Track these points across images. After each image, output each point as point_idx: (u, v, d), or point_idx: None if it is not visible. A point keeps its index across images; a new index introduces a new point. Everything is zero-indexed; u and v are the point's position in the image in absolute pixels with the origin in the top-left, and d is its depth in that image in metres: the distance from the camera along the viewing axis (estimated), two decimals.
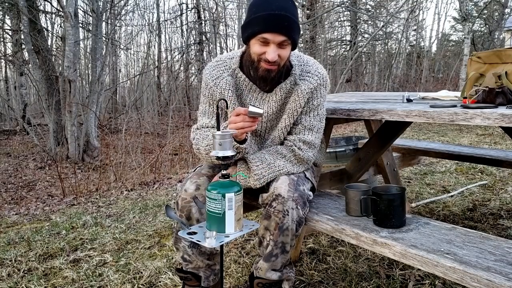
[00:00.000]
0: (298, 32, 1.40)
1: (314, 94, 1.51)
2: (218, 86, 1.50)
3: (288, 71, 1.49)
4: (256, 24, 1.35)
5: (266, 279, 1.46)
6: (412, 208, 2.76)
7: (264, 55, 1.37)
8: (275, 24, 1.33)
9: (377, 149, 2.14)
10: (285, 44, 1.37)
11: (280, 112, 1.53)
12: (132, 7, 14.07)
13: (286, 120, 1.51)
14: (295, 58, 1.53)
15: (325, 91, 1.55)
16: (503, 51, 1.54)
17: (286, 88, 1.49)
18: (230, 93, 1.49)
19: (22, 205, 4.40)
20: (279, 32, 1.33)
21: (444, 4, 32.41)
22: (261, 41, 1.36)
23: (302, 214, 1.41)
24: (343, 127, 8.59)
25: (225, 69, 1.52)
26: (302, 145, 1.51)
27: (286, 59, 1.42)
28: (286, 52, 1.39)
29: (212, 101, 1.55)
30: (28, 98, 12.54)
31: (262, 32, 1.34)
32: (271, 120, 1.54)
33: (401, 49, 15.75)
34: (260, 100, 1.51)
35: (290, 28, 1.35)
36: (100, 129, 8.14)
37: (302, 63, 1.53)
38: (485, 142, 5.50)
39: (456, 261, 1.12)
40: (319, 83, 1.51)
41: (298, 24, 1.38)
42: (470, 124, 1.29)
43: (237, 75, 1.51)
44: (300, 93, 1.47)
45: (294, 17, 1.36)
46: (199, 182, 1.49)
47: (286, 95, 1.50)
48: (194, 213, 1.44)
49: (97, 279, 2.00)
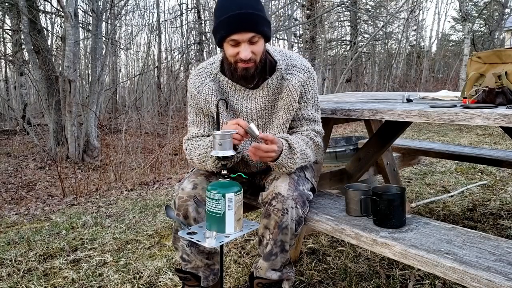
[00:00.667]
0: (265, 24, 1.39)
1: (306, 88, 1.52)
2: (202, 93, 1.52)
3: (273, 67, 1.50)
4: (222, 28, 1.37)
5: (266, 278, 1.46)
6: (412, 208, 2.76)
7: (239, 55, 1.38)
8: (238, 24, 1.33)
9: (377, 149, 2.14)
10: (255, 39, 1.37)
11: (270, 108, 1.53)
12: (132, 7, 14.07)
13: (283, 116, 1.51)
14: (278, 53, 1.53)
15: (315, 83, 1.57)
16: (503, 51, 1.54)
17: (273, 83, 1.49)
18: (213, 98, 1.50)
19: (22, 205, 4.40)
20: (244, 30, 1.34)
21: (444, 4, 32.46)
22: (231, 44, 1.38)
23: (302, 213, 1.42)
24: (343, 127, 8.59)
25: (206, 76, 1.54)
26: (315, 134, 1.55)
27: (261, 54, 1.42)
28: (258, 47, 1.39)
29: (198, 110, 1.57)
30: (28, 98, 12.54)
31: (229, 34, 1.35)
32: (262, 116, 1.54)
33: (401, 49, 15.75)
34: (246, 98, 1.51)
35: (255, 22, 1.35)
36: (100, 129, 8.14)
37: (286, 58, 1.53)
38: (485, 142, 5.50)
39: (456, 261, 1.12)
40: (308, 76, 1.52)
41: (263, 17, 1.38)
42: (470, 124, 1.29)
43: (220, 79, 1.52)
44: (292, 87, 1.48)
45: (257, 11, 1.35)
46: (197, 181, 1.49)
47: (274, 90, 1.50)
48: (191, 212, 1.45)
49: (97, 279, 2.00)
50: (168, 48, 15.54)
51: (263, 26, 1.38)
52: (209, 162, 1.46)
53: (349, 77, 14.80)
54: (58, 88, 7.92)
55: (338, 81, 11.50)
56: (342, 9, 14.59)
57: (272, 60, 1.50)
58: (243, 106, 1.52)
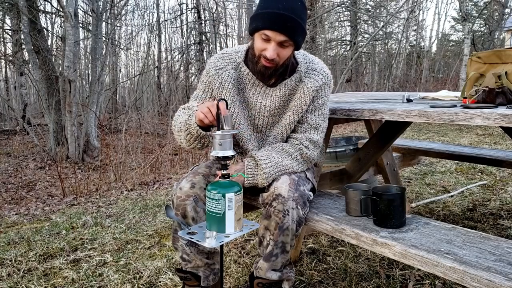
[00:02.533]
0: (301, 34, 1.40)
1: (319, 93, 1.52)
2: (220, 77, 1.51)
3: (293, 68, 1.51)
4: (260, 20, 1.37)
5: (266, 279, 1.46)
6: (412, 208, 2.76)
7: (264, 52, 1.38)
8: (278, 23, 1.34)
9: (377, 149, 2.14)
10: (286, 44, 1.38)
11: (283, 108, 1.54)
12: (132, 7, 14.08)
13: (290, 117, 1.52)
14: (301, 56, 1.54)
15: (329, 91, 1.57)
16: (503, 51, 1.54)
17: (291, 84, 1.50)
18: (230, 86, 1.50)
19: (22, 205, 4.40)
20: (280, 31, 1.35)
21: (444, 4, 32.41)
22: (263, 37, 1.38)
23: (302, 214, 1.42)
24: (343, 127, 8.59)
25: (229, 62, 1.54)
26: (309, 144, 1.52)
27: (285, 59, 1.43)
28: (286, 52, 1.40)
29: (209, 88, 1.56)
30: (28, 98, 12.54)
31: (264, 28, 1.36)
32: (274, 115, 1.55)
33: (401, 49, 15.75)
34: (262, 94, 1.52)
35: (293, 29, 1.35)
36: (100, 129, 8.14)
37: (308, 61, 1.54)
38: (485, 142, 5.50)
39: (456, 261, 1.12)
40: (324, 82, 1.53)
41: (302, 26, 1.38)
42: (470, 124, 1.29)
43: (241, 69, 1.53)
44: (306, 90, 1.49)
45: (300, 19, 1.36)
46: (195, 181, 1.50)
47: (290, 91, 1.51)
48: (189, 212, 1.45)
49: (97, 279, 2.00)
50: (168, 48, 15.54)
51: (299, 36, 1.39)
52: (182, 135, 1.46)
53: (349, 77, 14.80)
54: (58, 88, 7.92)
55: (338, 81, 11.50)
56: (342, 9, 14.59)
57: (294, 62, 1.51)
58: (258, 102, 1.53)
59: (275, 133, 1.56)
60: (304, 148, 1.51)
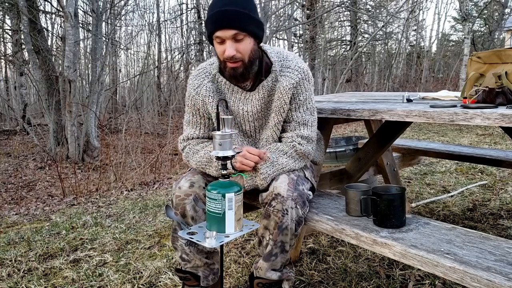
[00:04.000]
0: (253, 24, 1.37)
1: (298, 89, 1.49)
2: (200, 94, 1.52)
3: (268, 68, 1.49)
4: (208, 25, 1.37)
5: (266, 279, 1.46)
6: (412, 208, 2.76)
7: (225, 54, 1.37)
8: (222, 20, 1.33)
9: (377, 149, 2.14)
10: (239, 37, 1.35)
11: (266, 110, 1.53)
12: (132, 7, 14.07)
13: (275, 118, 1.51)
14: (275, 54, 1.51)
15: (309, 85, 1.53)
16: (503, 51, 1.54)
17: (268, 85, 1.48)
18: (210, 99, 1.51)
19: (22, 205, 4.40)
20: (227, 27, 1.33)
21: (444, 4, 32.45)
22: (217, 41, 1.38)
23: (302, 213, 1.42)
24: (343, 127, 8.59)
25: (205, 76, 1.54)
26: (301, 140, 1.51)
27: (248, 53, 1.39)
28: (244, 45, 1.37)
29: (195, 110, 1.57)
30: (28, 98, 12.54)
31: (214, 31, 1.36)
32: (258, 119, 1.54)
33: (401, 49, 15.75)
34: (243, 100, 1.51)
35: (239, 20, 1.33)
36: (100, 129, 8.14)
37: (282, 59, 1.51)
38: (485, 142, 5.50)
39: (456, 261, 1.12)
40: (301, 78, 1.49)
41: (250, 16, 1.35)
42: (470, 124, 1.29)
43: (218, 80, 1.52)
44: (283, 89, 1.46)
45: (244, 9, 1.34)
46: (194, 180, 1.50)
47: (269, 92, 1.49)
48: (188, 211, 1.45)
49: (97, 279, 2.00)
50: (168, 48, 15.55)
51: (249, 25, 1.36)
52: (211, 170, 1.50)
53: (349, 77, 14.80)
54: (58, 88, 7.92)
55: (338, 81, 11.50)
56: (342, 9, 14.58)
57: (268, 62, 1.49)
58: (240, 108, 1.52)
59: (266, 136, 1.56)
60: (298, 145, 1.50)
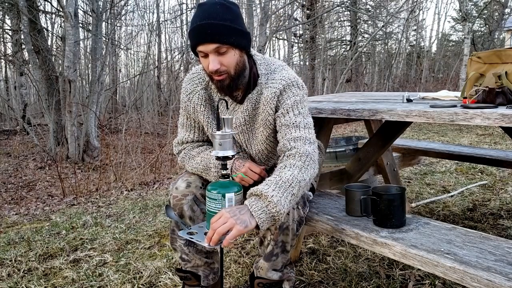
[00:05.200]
0: (234, 35, 1.30)
1: (284, 95, 1.41)
2: (191, 101, 1.51)
3: (255, 81, 1.45)
4: (190, 39, 1.33)
5: (266, 279, 1.47)
6: (412, 208, 2.76)
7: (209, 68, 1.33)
8: (202, 34, 1.28)
9: (377, 149, 2.14)
10: (222, 50, 1.30)
11: (251, 123, 1.49)
12: (132, 7, 14.08)
13: (263, 132, 1.46)
14: (264, 66, 1.46)
15: (297, 90, 1.43)
16: (503, 51, 1.54)
17: (253, 98, 1.44)
18: (202, 108, 1.49)
19: (22, 205, 4.40)
20: (207, 41, 1.28)
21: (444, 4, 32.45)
22: (201, 55, 1.34)
23: (303, 213, 1.42)
24: (343, 127, 8.59)
25: (199, 82, 1.51)
26: (292, 143, 1.35)
27: (234, 65, 1.34)
28: (227, 58, 1.31)
29: (188, 115, 1.56)
30: (28, 98, 12.53)
31: (195, 45, 1.32)
32: (243, 132, 1.50)
33: (401, 49, 15.75)
34: (232, 111, 1.49)
35: (219, 33, 1.28)
36: (100, 129, 8.14)
37: (269, 71, 1.46)
38: (485, 142, 5.51)
39: (456, 261, 1.12)
40: (284, 85, 1.41)
41: (232, 28, 1.29)
42: (470, 124, 1.29)
43: (211, 87, 1.51)
44: (265, 100, 1.42)
45: (223, 21, 1.28)
46: (190, 180, 1.50)
47: (253, 106, 1.45)
48: (186, 211, 1.46)
49: (97, 279, 2.00)
50: (168, 48, 15.55)
51: (231, 36, 1.29)
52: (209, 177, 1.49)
53: (349, 77, 14.80)
54: (58, 88, 7.92)
55: (338, 81, 11.50)
56: (342, 9, 14.59)
57: (256, 73, 1.45)
58: None
59: (258, 150, 1.52)
60: (290, 151, 1.34)
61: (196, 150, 1.55)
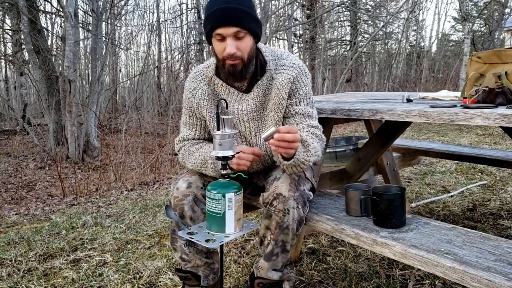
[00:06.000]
0: (252, 21, 1.37)
1: (297, 84, 1.48)
2: (195, 97, 1.53)
3: (263, 68, 1.49)
4: (208, 23, 1.37)
5: (267, 279, 1.47)
6: (412, 208, 2.76)
7: (225, 51, 1.37)
8: (223, 17, 1.33)
9: (377, 149, 2.14)
10: (240, 35, 1.36)
11: (261, 110, 1.51)
12: (132, 7, 14.07)
13: (275, 116, 1.49)
14: (269, 53, 1.51)
15: (307, 80, 1.51)
16: (503, 51, 1.54)
17: (263, 84, 1.48)
18: (205, 102, 1.51)
19: (22, 205, 4.40)
20: (228, 24, 1.33)
21: (444, 4, 32.46)
22: (218, 39, 1.37)
23: (303, 213, 1.42)
24: (343, 127, 8.59)
25: (202, 79, 1.54)
26: (314, 130, 1.47)
27: (248, 51, 1.40)
28: (244, 43, 1.38)
29: (192, 113, 1.58)
30: (28, 98, 12.53)
31: (214, 28, 1.36)
32: (253, 119, 1.52)
33: (401, 49, 15.75)
34: (239, 101, 1.51)
35: (239, 17, 1.34)
36: (100, 129, 8.14)
37: (277, 57, 1.51)
38: (485, 142, 5.50)
39: (456, 261, 1.12)
40: (298, 73, 1.48)
41: (251, 14, 1.37)
42: (470, 124, 1.29)
43: (214, 82, 1.52)
44: (279, 84, 1.45)
45: (244, 7, 1.34)
46: (191, 180, 1.50)
47: (264, 91, 1.48)
48: (187, 211, 1.46)
49: (97, 279, 2.00)
50: (168, 48, 15.55)
51: (250, 23, 1.36)
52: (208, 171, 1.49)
53: (349, 77, 14.80)
54: (58, 88, 7.92)
55: (338, 81, 11.50)
56: (342, 9, 14.59)
57: (263, 61, 1.49)
58: (234, 108, 1.52)
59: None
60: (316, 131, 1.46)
61: (196, 146, 1.57)
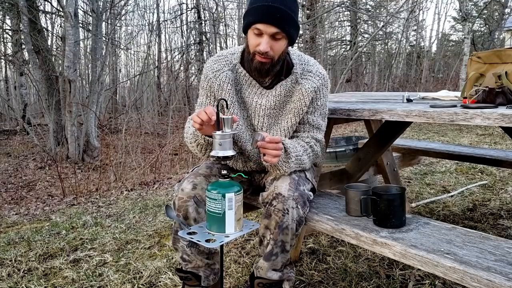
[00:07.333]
0: (293, 27, 1.40)
1: (318, 94, 1.53)
2: (218, 78, 1.52)
3: (289, 69, 1.51)
4: (251, 15, 1.38)
5: (266, 279, 1.46)
6: (412, 208, 2.76)
7: (258, 47, 1.39)
8: (267, 15, 1.34)
9: (377, 149, 2.14)
10: (278, 36, 1.38)
11: (279, 109, 1.53)
12: (132, 7, 14.08)
13: (292, 119, 1.52)
14: (296, 57, 1.54)
15: (327, 91, 1.58)
16: (503, 51, 1.54)
17: (286, 85, 1.50)
18: (229, 86, 1.50)
19: (22, 205, 4.40)
20: (271, 23, 1.35)
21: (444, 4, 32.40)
22: (255, 32, 1.38)
23: (302, 213, 1.42)
24: (343, 127, 8.59)
25: (226, 64, 1.54)
26: (315, 142, 1.54)
27: (280, 53, 1.42)
28: (279, 45, 1.40)
29: (210, 92, 1.56)
30: (28, 98, 12.53)
31: (255, 22, 1.36)
32: (269, 115, 1.54)
33: (401, 49, 15.75)
34: (258, 94, 1.52)
35: (283, 20, 1.35)
36: (100, 129, 8.14)
37: (303, 63, 1.54)
38: (485, 142, 5.50)
39: (456, 261, 1.12)
40: (322, 83, 1.53)
41: (294, 19, 1.38)
42: (470, 124, 1.29)
43: (238, 70, 1.53)
44: (305, 91, 1.48)
45: (290, 11, 1.36)
46: (196, 182, 1.50)
47: (286, 92, 1.51)
48: (191, 213, 1.45)
49: (97, 279, 2.00)
50: (168, 48, 15.55)
51: (290, 27, 1.38)
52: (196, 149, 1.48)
53: (349, 77, 14.80)
54: (58, 88, 7.93)
55: (338, 81, 11.50)
56: (342, 9, 14.59)
57: (289, 62, 1.51)
58: (254, 101, 1.52)
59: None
60: (314, 146, 1.52)
61: None
